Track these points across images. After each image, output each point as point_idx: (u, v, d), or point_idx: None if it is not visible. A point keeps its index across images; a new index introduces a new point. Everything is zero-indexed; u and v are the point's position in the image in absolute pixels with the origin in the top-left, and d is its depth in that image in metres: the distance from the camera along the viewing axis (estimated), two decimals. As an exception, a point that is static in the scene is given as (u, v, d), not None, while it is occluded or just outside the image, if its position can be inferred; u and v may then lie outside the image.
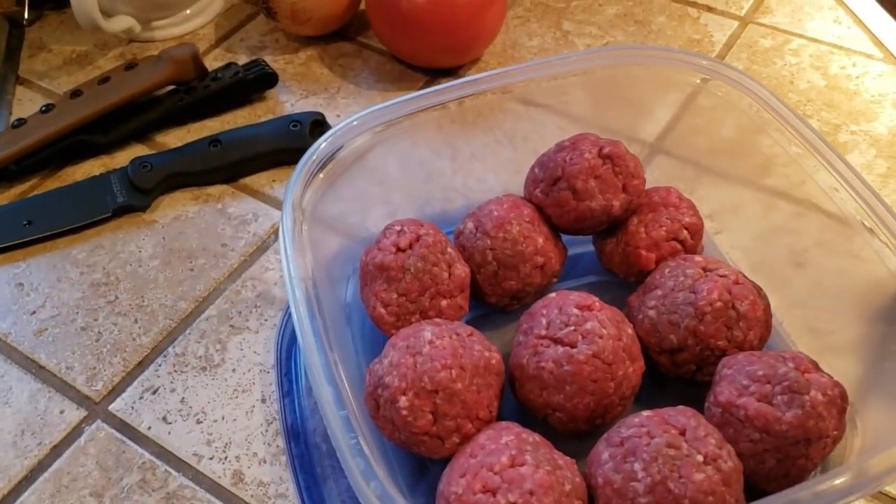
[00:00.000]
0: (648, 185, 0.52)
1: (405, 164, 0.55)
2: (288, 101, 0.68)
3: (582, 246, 0.53)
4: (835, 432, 0.40)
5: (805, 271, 0.52)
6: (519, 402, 0.45)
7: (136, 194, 0.60)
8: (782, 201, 0.53)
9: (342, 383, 0.38)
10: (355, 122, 0.50)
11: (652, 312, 0.45)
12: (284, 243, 0.43)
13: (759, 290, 0.46)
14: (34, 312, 0.54)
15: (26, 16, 0.75)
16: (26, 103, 0.68)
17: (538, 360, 0.42)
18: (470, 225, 0.49)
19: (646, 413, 0.40)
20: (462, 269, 0.47)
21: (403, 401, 0.40)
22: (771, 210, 0.54)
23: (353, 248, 0.53)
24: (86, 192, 0.60)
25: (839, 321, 0.49)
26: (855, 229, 0.46)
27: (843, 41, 0.72)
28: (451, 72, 0.70)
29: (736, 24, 0.74)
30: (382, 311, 0.46)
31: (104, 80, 0.65)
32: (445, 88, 0.52)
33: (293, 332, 0.52)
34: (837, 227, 0.48)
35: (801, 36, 0.72)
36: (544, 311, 0.44)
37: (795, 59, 0.70)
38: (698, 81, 0.54)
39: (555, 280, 0.50)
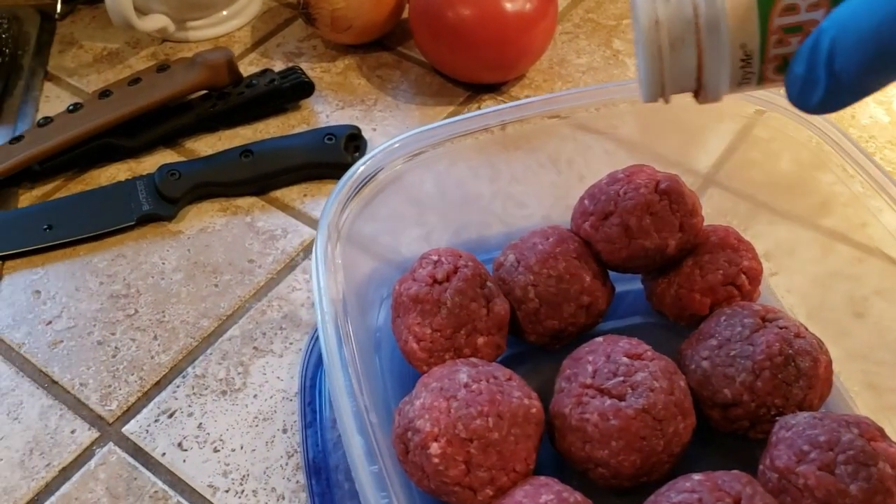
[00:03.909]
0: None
1: (442, 184, 0.52)
2: (323, 112, 0.65)
3: (628, 283, 0.50)
4: (903, 509, 0.37)
5: (865, 321, 0.49)
6: (558, 451, 0.42)
7: (163, 203, 0.57)
8: (842, 244, 0.50)
9: (373, 432, 0.35)
10: (396, 145, 0.48)
11: (705, 363, 0.42)
12: (317, 269, 0.41)
13: (821, 344, 0.43)
14: (50, 323, 0.52)
15: (58, 9, 0.72)
16: (53, 100, 0.66)
17: (582, 412, 0.39)
18: (511, 257, 0.46)
19: (697, 477, 0.37)
20: (502, 306, 0.44)
21: (435, 447, 0.38)
22: (829, 253, 0.51)
23: (384, 272, 0.50)
24: (110, 198, 0.58)
25: (903, 379, 0.46)
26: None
27: (906, 73, 0.68)
28: (494, 87, 0.67)
29: (794, 50, 0.70)
30: (415, 346, 0.43)
31: (135, 80, 0.62)
32: (490, 112, 0.49)
33: (319, 358, 0.49)
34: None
35: (862, 66, 0.69)
36: (590, 358, 0.41)
37: (856, 90, 0.66)
38: (753, 112, 0.51)
39: (599, 320, 0.47)
